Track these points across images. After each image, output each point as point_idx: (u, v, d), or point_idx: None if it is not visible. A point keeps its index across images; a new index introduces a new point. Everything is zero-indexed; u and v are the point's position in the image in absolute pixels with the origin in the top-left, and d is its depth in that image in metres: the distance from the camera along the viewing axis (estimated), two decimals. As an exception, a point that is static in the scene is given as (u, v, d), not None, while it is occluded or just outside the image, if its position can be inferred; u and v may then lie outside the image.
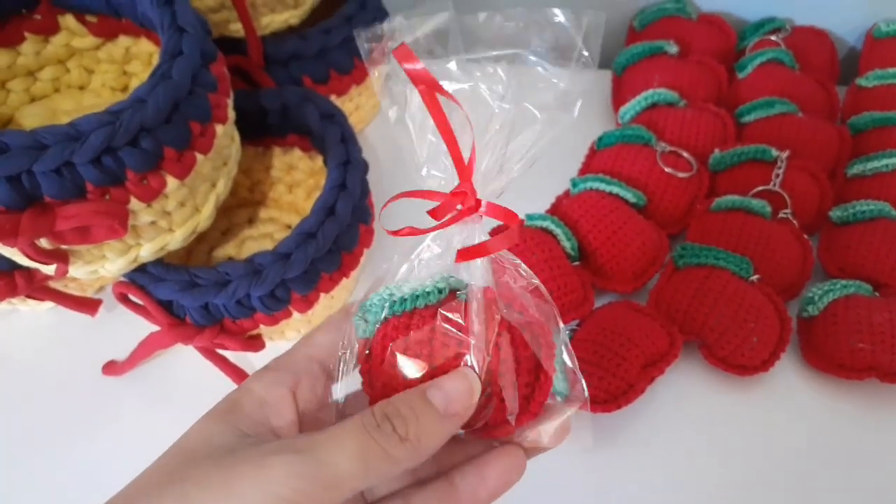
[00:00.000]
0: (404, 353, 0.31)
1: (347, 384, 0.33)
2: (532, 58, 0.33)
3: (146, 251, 0.45)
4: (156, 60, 0.50)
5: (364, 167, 0.52)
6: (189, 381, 0.54)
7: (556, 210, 0.59)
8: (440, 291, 0.32)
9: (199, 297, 0.45)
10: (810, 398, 0.53)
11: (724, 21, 0.70)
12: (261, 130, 0.57)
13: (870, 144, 0.61)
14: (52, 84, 0.52)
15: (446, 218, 0.32)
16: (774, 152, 0.59)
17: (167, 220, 0.44)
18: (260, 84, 0.59)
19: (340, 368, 0.33)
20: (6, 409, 0.54)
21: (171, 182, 0.42)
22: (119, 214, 0.40)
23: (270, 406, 0.30)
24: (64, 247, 0.42)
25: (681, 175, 0.60)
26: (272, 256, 0.45)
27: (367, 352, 0.32)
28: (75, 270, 0.44)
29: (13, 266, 0.49)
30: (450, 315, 0.31)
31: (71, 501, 0.49)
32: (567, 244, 0.55)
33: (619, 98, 0.69)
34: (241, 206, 0.61)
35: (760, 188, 0.58)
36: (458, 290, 0.32)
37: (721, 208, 0.57)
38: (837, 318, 0.52)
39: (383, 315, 0.32)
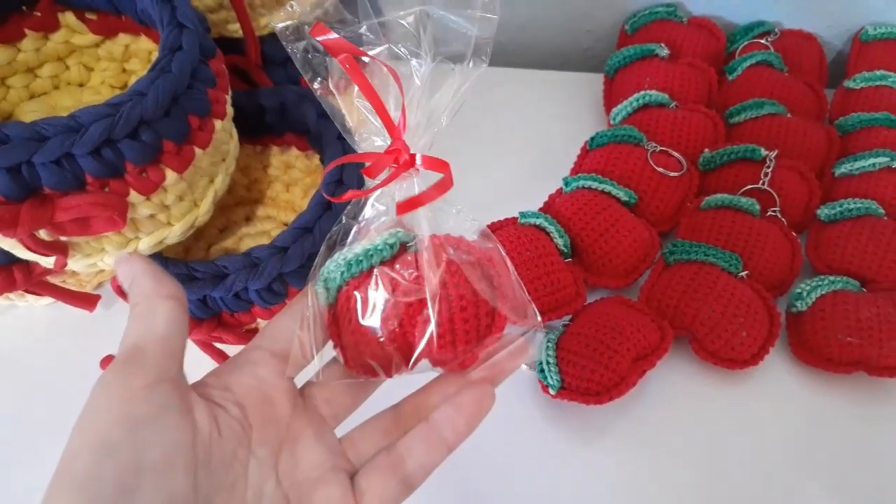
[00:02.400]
0: (371, 311, 0.32)
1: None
2: (439, 12, 0.34)
3: (145, 245, 0.45)
4: (155, 58, 0.51)
5: (360, 164, 0.52)
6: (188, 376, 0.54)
7: (549, 208, 0.60)
8: (391, 247, 0.33)
9: (197, 291, 0.46)
10: (799, 392, 0.53)
11: (715, 25, 0.71)
12: (259, 129, 0.58)
13: (857, 144, 0.62)
14: (51, 81, 0.52)
15: (384, 176, 0.35)
16: (763, 152, 0.60)
17: (166, 214, 0.45)
18: (257, 84, 0.60)
19: (310, 342, 0.34)
20: (3, 407, 0.54)
21: (170, 175, 0.42)
22: (118, 206, 0.40)
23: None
24: (63, 238, 0.42)
25: (671, 174, 0.61)
26: (269, 250, 0.46)
27: (333, 317, 0.34)
28: (74, 263, 0.45)
29: (11, 260, 0.49)
30: (405, 266, 0.33)
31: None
32: (560, 241, 0.56)
33: (610, 100, 0.70)
34: (238, 205, 0.61)
35: (750, 187, 0.59)
36: (408, 242, 0.34)
37: (711, 206, 0.58)
38: (825, 314, 0.52)
39: (342, 279, 0.33)
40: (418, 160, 0.34)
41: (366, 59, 0.34)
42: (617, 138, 0.62)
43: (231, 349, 0.53)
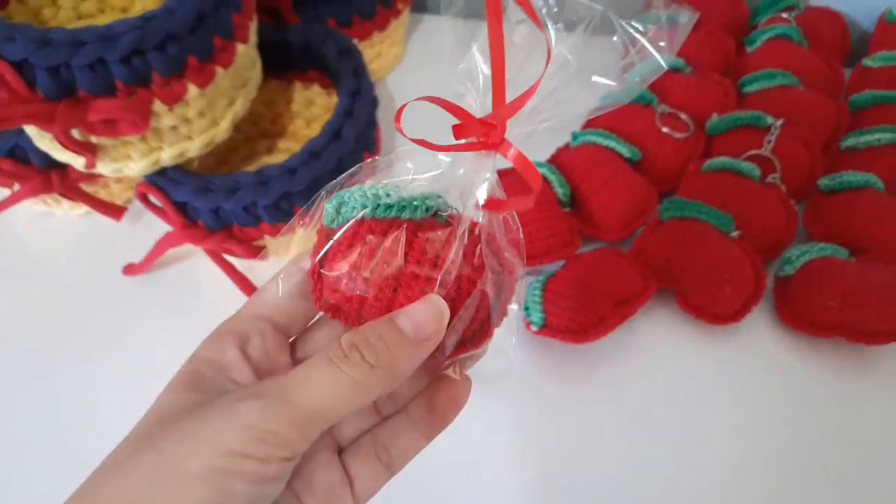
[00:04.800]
0: (372, 258, 0.30)
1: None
2: (622, 22, 0.30)
3: (167, 155, 0.49)
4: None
5: (372, 100, 0.55)
6: (203, 288, 0.59)
7: (555, 159, 0.62)
8: (427, 209, 0.31)
9: (211, 201, 0.50)
10: (779, 354, 0.55)
11: (739, -4, 0.72)
12: (285, 65, 0.62)
13: (868, 121, 0.63)
14: (97, 5, 0.57)
15: (464, 142, 0.31)
16: (769, 119, 0.61)
17: (187, 128, 0.49)
18: (288, 22, 0.63)
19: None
20: (38, 306, 0.59)
21: (192, 90, 0.46)
22: (142, 112, 0.44)
23: (229, 368, 0.30)
24: (94, 140, 0.46)
25: (677, 135, 0.62)
26: (279, 170, 0.50)
27: (326, 239, 0.31)
28: (103, 167, 0.49)
29: (50, 165, 0.54)
30: (431, 236, 0.30)
31: (96, 392, 0.54)
32: (560, 190, 0.58)
33: (629, 63, 0.71)
34: (262, 137, 0.65)
35: (752, 152, 0.60)
36: (441, 211, 0.31)
37: (712, 169, 0.60)
38: (811, 278, 0.54)
39: (361, 213, 0.30)
40: (510, 153, 0.30)
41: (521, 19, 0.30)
42: (628, 98, 0.64)
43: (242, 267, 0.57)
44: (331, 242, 0.30)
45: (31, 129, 0.49)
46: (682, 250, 0.55)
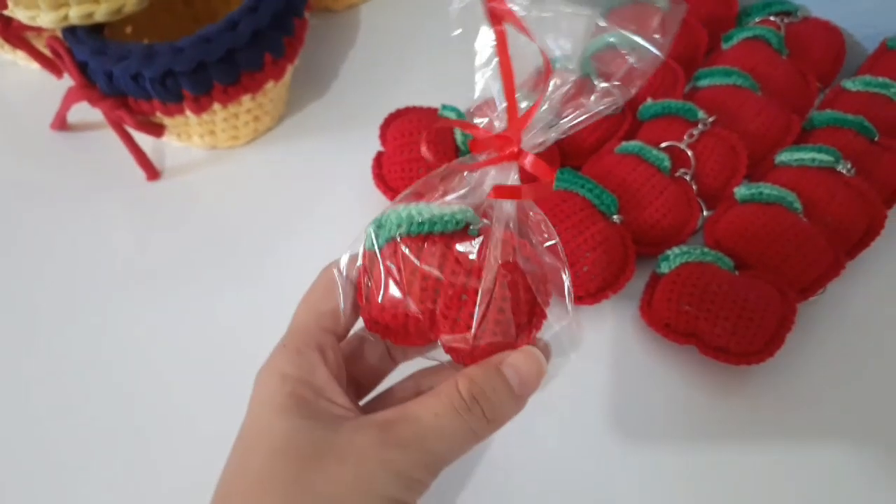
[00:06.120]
0: (412, 273, 0.32)
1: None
2: (613, 28, 0.34)
3: (74, 13, 0.52)
4: None
5: (287, 5, 0.56)
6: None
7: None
8: (457, 223, 0.32)
9: (103, 64, 0.53)
10: (636, 351, 0.52)
11: (733, -9, 0.68)
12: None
13: (815, 140, 0.57)
14: None
15: (484, 157, 0.34)
16: (701, 114, 0.57)
17: (94, -10, 0.52)
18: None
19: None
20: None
21: (94, -50, 0.49)
22: (34, -42, 0.47)
23: (324, 389, 0.31)
24: (1, -19, 0.50)
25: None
26: (168, 47, 0.52)
27: (370, 262, 0.33)
28: (18, 12, 0.53)
29: (-2, 9, 0.59)
30: (464, 247, 0.32)
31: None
32: (459, 139, 0.57)
33: (597, 39, 0.69)
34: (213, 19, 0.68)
35: (670, 143, 0.57)
36: (472, 224, 0.33)
37: (623, 151, 0.57)
38: (679, 279, 0.50)
39: (397, 232, 0.32)
40: (528, 160, 0.33)
41: (521, 37, 0.33)
42: (567, 67, 0.62)
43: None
44: (374, 265, 0.33)
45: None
46: (551, 219, 0.52)
